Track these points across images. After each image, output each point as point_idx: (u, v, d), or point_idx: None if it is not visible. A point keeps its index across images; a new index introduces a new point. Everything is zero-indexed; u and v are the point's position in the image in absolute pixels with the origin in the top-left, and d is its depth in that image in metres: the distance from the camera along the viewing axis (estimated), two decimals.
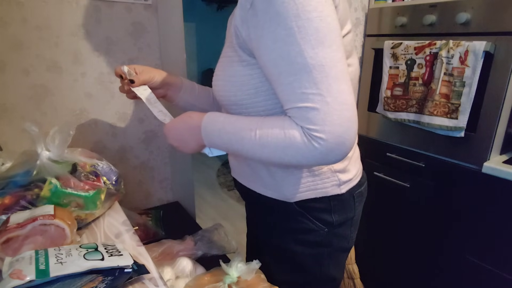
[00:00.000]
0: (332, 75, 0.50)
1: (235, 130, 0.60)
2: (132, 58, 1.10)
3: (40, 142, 0.74)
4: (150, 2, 1.09)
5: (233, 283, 0.73)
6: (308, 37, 0.50)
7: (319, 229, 0.72)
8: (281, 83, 0.53)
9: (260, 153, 0.57)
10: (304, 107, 0.51)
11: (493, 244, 1.22)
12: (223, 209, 2.77)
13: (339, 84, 0.51)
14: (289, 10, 0.49)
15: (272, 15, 0.50)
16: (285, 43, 0.50)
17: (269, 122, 0.57)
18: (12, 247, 0.60)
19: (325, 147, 0.51)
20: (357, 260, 1.61)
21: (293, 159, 0.55)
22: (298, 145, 0.53)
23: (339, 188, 0.70)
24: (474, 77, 1.15)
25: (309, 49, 0.50)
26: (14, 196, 0.70)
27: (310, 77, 0.50)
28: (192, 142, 0.66)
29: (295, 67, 0.51)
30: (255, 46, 0.56)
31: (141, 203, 1.27)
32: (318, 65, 0.50)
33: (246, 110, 0.64)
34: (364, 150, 1.66)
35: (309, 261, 0.76)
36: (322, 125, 0.50)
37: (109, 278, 0.55)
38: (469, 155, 1.25)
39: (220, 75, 0.65)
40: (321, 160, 0.54)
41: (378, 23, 1.48)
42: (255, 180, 0.74)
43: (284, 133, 0.54)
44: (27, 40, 0.92)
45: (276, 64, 0.53)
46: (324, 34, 0.50)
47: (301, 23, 0.49)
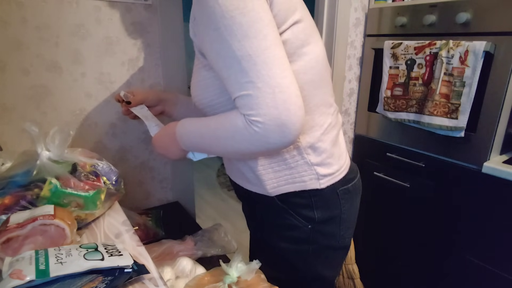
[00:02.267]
0: (259, 62, 0.54)
1: (198, 128, 0.66)
2: (132, 58, 1.10)
3: (40, 142, 0.74)
4: (150, 2, 1.09)
5: (233, 283, 0.73)
6: (233, 32, 0.54)
7: (302, 226, 0.73)
8: (224, 78, 0.58)
9: (218, 146, 0.63)
10: (241, 95, 0.56)
11: (493, 244, 1.22)
12: (223, 209, 2.77)
13: (268, 70, 0.54)
14: (216, 13, 0.54)
15: (205, 21, 0.57)
16: (217, 42, 0.56)
17: (221, 116, 0.63)
18: (12, 247, 0.60)
19: (264, 130, 0.55)
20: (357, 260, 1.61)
21: (240, 145, 0.59)
22: (241, 131, 0.57)
23: (318, 182, 0.71)
24: (474, 77, 1.15)
25: (235, 43, 0.54)
26: (14, 196, 0.70)
27: (240, 67, 0.55)
28: (174, 148, 0.73)
29: (229, 62, 0.56)
30: (204, 50, 0.62)
31: (141, 203, 1.27)
32: (245, 55, 0.54)
33: (218, 110, 0.68)
34: (364, 150, 1.67)
35: (294, 258, 0.76)
36: (257, 109, 0.54)
37: (109, 278, 0.55)
38: (469, 155, 1.25)
39: (193, 82, 0.71)
40: (264, 143, 0.57)
41: (378, 23, 1.48)
42: (240, 176, 0.77)
43: (229, 122, 0.59)
44: (27, 40, 0.92)
45: (216, 63, 0.58)
46: (248, 27, 0.54)
47: (226, 22, 0.54)
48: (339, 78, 1.51)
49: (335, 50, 1.43)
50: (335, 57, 1.44)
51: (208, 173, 3.48)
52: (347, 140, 1.69)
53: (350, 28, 1.48)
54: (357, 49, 1.56)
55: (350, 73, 1.57)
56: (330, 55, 1.44)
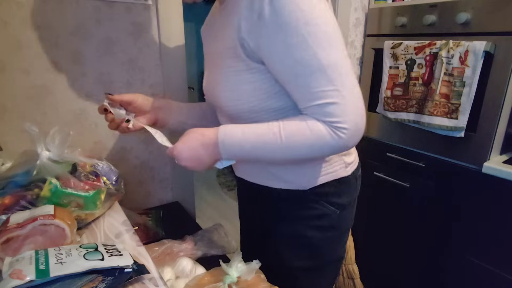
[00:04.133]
0: (343, 72, 0.57)
1: (257, 137, 0.63)
2: (132, 58, 1.10)
3: (40, 142, 0.74)
4: (150, 2, 1.09)
5: (233, 283, 0.73)
6: (318, 40, 0.56)
7: (331, 213, 0.77)
8: (298, 85, 0.59)
9: (287, 153, 0.62)
10: (324, 103, 0.58)
11: (493, 244, 1.22)
12: (223, 209, 2.77)
13: (349, 79, 0.58)
14: (298, 19, 0.55)
15: (282, 25, 0.56)
16: (298, 48, 0.56)
17: (291, 123, 0.61)
18: (12, 247, 0.60)
19: (348, 135, 0.59)
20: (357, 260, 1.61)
21: (319, 152, 0.62)
22: (325, 138, 0.59)
23: (345, 170, 0.77)
24: (474, 77, 1.15)
25: (321, 51, 0.56)
26: (14, 196, 0.70)
27: (325, 76, 0.57)
28: (207, 159, 0.67)
29: (310, 69, 0.57)
30: (266, 54, 0.60)
31: (141, 203, 1.27)
32: (331, 64, 0.56)
33: (257, 114, 0.67)
34: (364, 150, 1.66)
35: (323, 245, 0.81)
36: (343, 116, 0.58)
37: (109, 278, 0.55)
38: (469, 155, 1.25)
39: (226, 85, 0.67)
40: (344, 148, 0.61)
41: (378, 23, 1.48)
42: (266, 175, 0.77)
43: (310, 130, 0.60)
44: (27, 40, 0.92)
45: (291, 69, 0.58)
46: (331, 37, 0.57)
47: (310, 29, 0.55)
48: None
49: None
50: None
51: (208, 173, 3.48)
52: None
53: (350, 28, 1.48)
54: (357, 49, 1.56)
55: None
56: None
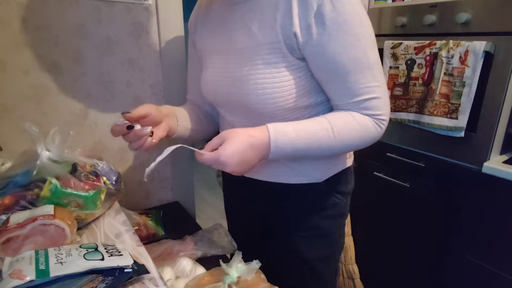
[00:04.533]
0: (381, 69, 0.66)
1: (311, 135, 0.65)
2: (132, 58, 1.10)
3: (40, 142, 0.74)
4: (150, 2, 1.09)
5: (233, 283, 0.73)
6: (367, 41, 0.62)
7: (340, 201, 0.83)
8: (347, 81, 0.63)
9: (339, 148, 0.67)
10: (369, 98, 0.64)
11: (493, 244, 1.22)
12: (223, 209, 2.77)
13: (383, 77, 0.67)
14: (354, 19, 0.60)
15: (341, 23, 0.60)
16: (354, 47, 0.61)
17: (337, 118, 0.66)
18: (12, 247, 0.60)
19: (385, 126, 0.68)
20: (357, 260, 1.61)
21: (365, 144, 0.68)
22: (371, 131, 0.66)
23: (350, 160, 0.85)
24: (474, 77, 1.15)
25: (370, 51, 0.63)
26: (14, 196, 0.70)
27: (372, 73, 0.63)
28: (255, 161, 0.64)
29: (361, 66, 0.62)
30: (317, 51, 0.63)
31: (141, 203, 1.27)
32: (376, 63, 0.64)
33: (291, 111, 0.69)
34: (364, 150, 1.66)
35: (334, 232, 0.86)
36: (384, 110, 0.66)
37: (109, 278, 0.55)
38: (469, 155, 1.25)
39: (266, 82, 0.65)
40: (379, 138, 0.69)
41: (378, 23, 1.48)
42: (282, 172, 0.79)
43: (358, 123, 0.65)
44: (27, 40, 0.92)
45: (344, 65, 0.62)
46: (373, 38, 0.64)
47: (362, 30, 0.61)
48: None
49: None
50: None
51: (208, 173, 3.48)
52: None
53: None
54: None
55: None
56: None
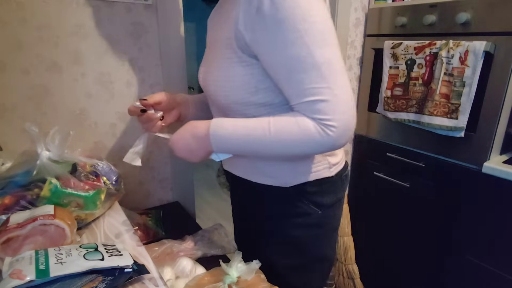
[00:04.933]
0: (337, 70, 0.58)
1: (247, 132, 0.63)
2: (132, 58, 1.10)
3: (40, 142, 0.74)
4: (150, 2, 1.09)
5: (233, 283, 0.73)
6: (314, 37, 0.56)
7: (313, 212, 0.77)
8: (291, 80, 0.59)
9: (276, 149, 0.62)
10: (314, 100, 0.57)
11: (493, 244, 1.22)
12: (223, 209, 2.77)
13: (342, 78, 0.58)
14: (296, 15, 0.55)
15: (280, 19, 0.56)
16: (294, 44, 0.56)
17: (280, 119, 0.62)
18: (12, 247, 0.60)
19: (337, 134, 0.58)
20: (357, 260, 1.61)
21: (308, 149, 0.61)
22: (313, 135, 0.59)
23: (329, 171, 0.77)
24: (474, 77, 1.15)
25: (317, 49, 0.56)
26: (14, 196, 0.70)
27: (319, 73, 0.57)
28: (200, 151, 0.68)
29: (305, 66, 0.57)
30: (262, 48, 0.60)
31: (141, 203, 1.27)
32: (326, 62, 0.57)
33: (245, 107, 0.67)
34: (364, 150, 1.67)
35: (305, 243, 0.81)
36: (332, 114, 0.57)
37: (109, 278, 0.55)
38: (469, 155, 1.25)
39: (220, 75, 0.68)
40: (332, 146, 0.60)
41: (378, 23, 1.48)
42: (252, 170, 0.78)
43: (298, 126, 0.59)
44: (27, 40, 0.92)
45: (286, 64, 0.58)
46: (328, 35, 0.57)
47: (308, 26, 0.55)
48: None
49: None
50: None
51: (208, 173, 3.48)
52: None
53: (350, 28, 1.48)
54: (357, 49, 1.56)
55: (350, 73, 1.57)
56: None
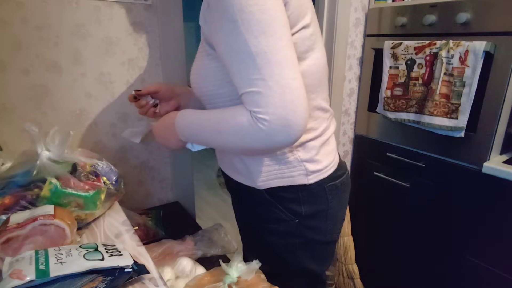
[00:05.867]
0: (274, 61, 0.54)
1: (199, 121, 0.66)
2: (132, 58, 1.10)
3: (40, 142, 0.74)
4: (150, 2, 1.09)
5: (233, 283, 0.73)
6: (250, 27, 0.54)
7: (289, 219, 0.74)
8: (233, 71, 0.58)
9: (220, 140, 0.62)
10: (250, 91, 0.55)
11: (493, 244, 1.22)
12: (223, 209, 2.77)
13: (281, 69, 0.54)
14: (234, 5, 0.54)
15: (221, 11, 0.56)
16: (232, 34, 0.55)
17: (225, 111, 0.62)
18: (12, 247, 0.60)
19: (270, 128, 0.55)
20: (357, 260, 1.61)
21: (243, 142, 0.59)
22: (246, 128, 0.57)
23: (306, 178, 0.72)
24: (474, 77, 1.15)
25: (252, 39, 0.54)
26: (14, 196, 0.70)
27: (254, 63, 0.54)
28: (172, 139, 0.73)
29: (241, 56, 0.55)
30: (214, 40, 0.61)
31: (141, 203, 1.27)
32: (260, 52, 0.54)
33: (214, 100, 0.69)
34: (364, 150, 1.67)
35: (282, 251, 0.78)
36: (265, 107, 0.54)
37: (109, 278, 0.55)
38: (469, 155, 1.25)
39: (193, 69, 0.71)
40: (268, 141, 0.57)
41: (378, 23, 1.48)
42: (231, 167, 0.78)
43: (234, 117, 0.59)
44: (27, 40, 0.92)
45: (227, 55, 0.58)
46: (266, 25, 0.54)
47: (244, 16, 0.54)
48: (339, 78, 1.51)
49: (335, 50, 1.43)
50: (335, 57, 1.44)
51: (208, 173, 3.48)
52: (347, 140, 1.68)
53: (350, 28, 1.48)
54: (357, 49, 1.56)
55: (350, 73, 1.57)
56: (330, 55, 1.44)
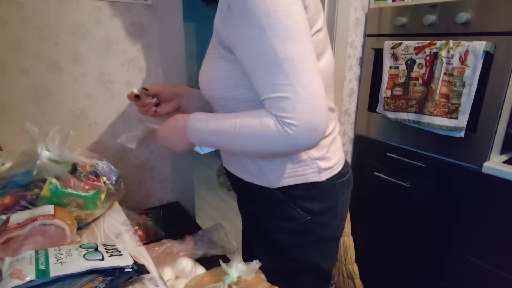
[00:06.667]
0: (301, 67, 0.55)
1: (217, 125, 0.64)
2: (132, 58, 1.10)
3: (40, 142, 0.74)
4: (150, 2, 1.09)
5: (233, 283, 0.73)
6: (278, 33, 0.55)
7: (301, 217, 0.75)
8: (256, 76, 0.58)
9: (241, 144, 0.62)
10: (277, 96, 0.56)
11: (493, 244, 1.22)
12: (223, 209, 2.77)
13: (307, 75, 0.56)
14: (261, 10, 0.54)
15: (246, 15, 0.55)
16: (258, 40, 0.56)
17: (247, 114, 0.62)
18: (12, 247, 0.60)
19: (297, 133, 0.56)
20: (357, 260, 1.61)
21: (269, 146, 0.60)
22: (273, 132, 0.57)
23: (319, 176, 0.73)
24: (474, 77, 1.15)
25: (279, 45, 0.55)
26: (14, 196, 0.70)
27: (282, 69, 0.55)
28: (181, 142, 0.71)
29: (267, 61, 0.56)
30: (233, 43, 0.61)
31: (141, 203, 1.27)
32: (288, 58, 0.55)
33: (227, 103, 0.69)
34: (364, 150, 1.67)
35: (292, 249, 0.78)
36: (293, 113, 0.55)
37: (109, 278, 0.55)
38: (469, 155, 1.25)
39: (204, 71, 0.70)
40: (294, 145, 0.58)
41: (378, 23, 1.48)
42: (241, 168, 0.78)
43: (260, 122, 0.59)
44: (27, 40, 0.92)
45: (251, 59, 0.58)
46: (293, 31, 0.55)
47: (271, 22, 0.54)
48: (339, 78, 1.51)
49: (335, 50, 1.43)
50: (335, 57, 1.44)
51: (208, 173, 3.48)
52: (347, 140, 1.69)
53: (350, 28, 1.48)
54: (357, 49, 1.56)
55: (350, 73, 1.57)
56: None
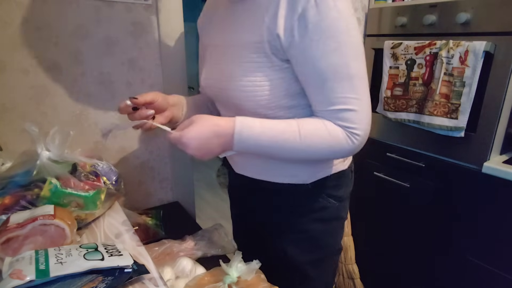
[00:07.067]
0: (365, 83, 0.63)
1: (276, 133, 0.64)
2: (132, 58, 1.10)
3: (40, 142, 0.74)
4: (150, 2, 1.09)
5: (233, 283, 0.73)
6: (351, 51, 0.61)
7: (331, 205, 0.81)
8: (323, 87, 0.62)
9: (303, 153, 0.65)
10: (344, 109, 0.62)
11: (493, 244, 1.22)
12: (223, 209, 2.77)
13: (367, 91, 0.64)
14: (339, 26, 0.59)
15: (324, 29, 0.58)
16: (334, 54, 0.60)
17: (309, 124, 0.65)
18: (12, 247, 0.60)
19: (359, 142, 0.64)
20: (357, 260, 1.61)
21: (334, 155, 0.67)
22: (341, 142, 0.63)
23: (343, 164, 0.82)
24: (474, 77, 1.15)
25: (352, 61, 0.61)
26: (14, 196, 0.70)
27: (351, 84, 0.61)
28: (218, 149, 0.66)
29: (340, 76, 0.61)
30: (299, 54, 0.62)
31: (141, 203, 1.27)
32: (357, 74, 0.62)
33: (273, 111, 0.68)
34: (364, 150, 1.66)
35: (325, 237, 0.84)
36: (359, 124, 0.63)
37: (109, 278, 0.55)
38: (469, 155, 1.25)
39: (247, 80, 0.66)
40: (353, 153, 0.67)
41: (378, 23, 1.48)
42: (268, 170, 0.79)
43: (328, 132, 0.63)
44: (27, 40, 0.92)
45: (321, 72, 0.61)
46: (359, 49, 0.62)
47: (348, 39, 0.60)
48: None
49: None
50: None
51: (208, 173, 3.48)
52: None
53: None
54: None
55: None
56: None
